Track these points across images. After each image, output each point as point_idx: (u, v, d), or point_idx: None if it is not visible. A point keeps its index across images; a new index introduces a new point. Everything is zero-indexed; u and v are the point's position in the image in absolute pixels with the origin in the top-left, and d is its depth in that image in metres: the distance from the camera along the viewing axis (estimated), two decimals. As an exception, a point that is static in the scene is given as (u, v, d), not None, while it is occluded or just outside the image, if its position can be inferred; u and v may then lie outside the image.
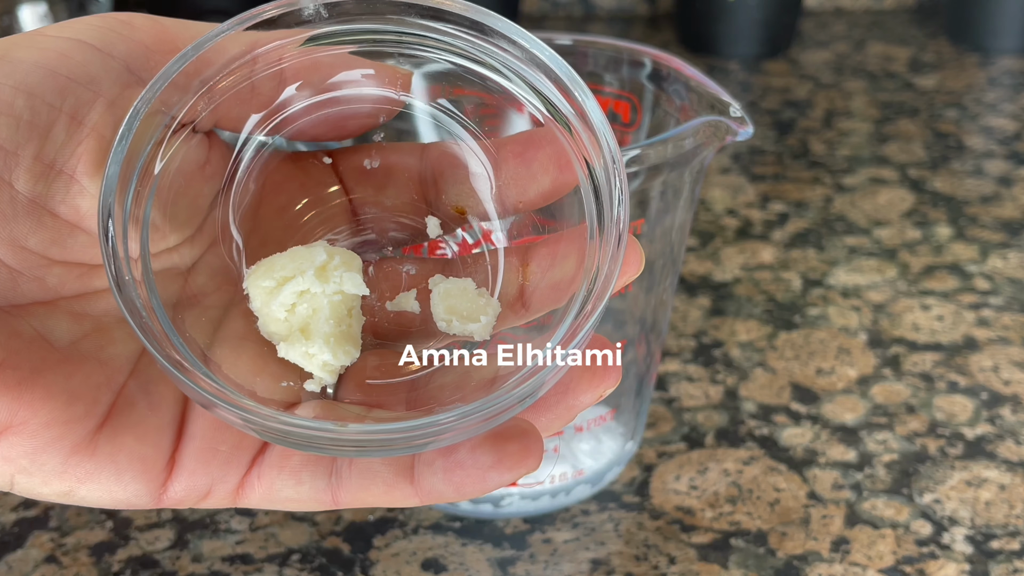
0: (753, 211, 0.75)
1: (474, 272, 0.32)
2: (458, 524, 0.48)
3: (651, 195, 0.43)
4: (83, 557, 0.46)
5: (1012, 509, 0.48)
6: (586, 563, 0.45)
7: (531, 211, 0.31)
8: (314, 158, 0.33)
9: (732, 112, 0.42)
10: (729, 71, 0.99)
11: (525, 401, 0.26)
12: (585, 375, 0.28)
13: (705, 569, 0.45)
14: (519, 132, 0.31)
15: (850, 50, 1.05)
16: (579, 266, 0.29)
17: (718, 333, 0.61)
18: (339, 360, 0.30)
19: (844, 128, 0.88)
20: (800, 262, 0.68)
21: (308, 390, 0.29)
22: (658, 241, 0.44)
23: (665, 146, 0.40)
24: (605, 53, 0.49)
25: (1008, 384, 0.56)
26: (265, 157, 0.32)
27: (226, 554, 0.46)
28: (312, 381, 0.29)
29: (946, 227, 0.72)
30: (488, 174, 0.32)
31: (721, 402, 0.55)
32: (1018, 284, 0.65)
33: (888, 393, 0.56)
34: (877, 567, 0.45)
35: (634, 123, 0.48)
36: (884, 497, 0.49)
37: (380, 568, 0.45)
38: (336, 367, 0.30)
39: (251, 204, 0.31)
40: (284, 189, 0.32)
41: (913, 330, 0.61)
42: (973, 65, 1.00)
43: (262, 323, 0.30)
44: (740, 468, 0.51)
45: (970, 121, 0.89)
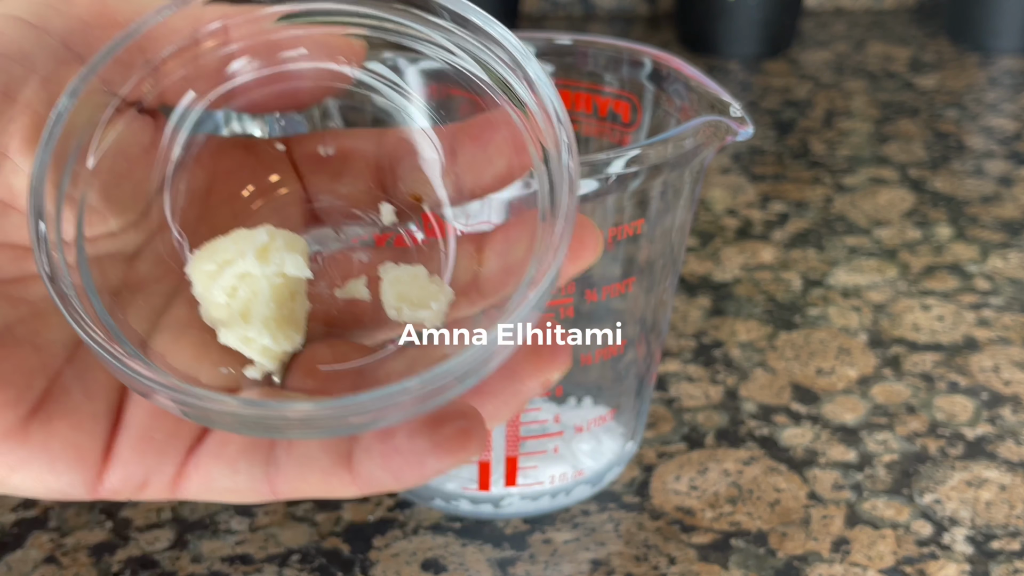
0: (753, 211, 0.75)
1: (428, 260, 0.31)
2: (458, 524, 0.48)
3: (651, 195, 0.43)
4: (82, 557, 0.46)
5: (1012, 509, 0.48)
6: (586, 563, 0.45)
7: (487, 195, 0.31)
8: (268, 145, 0.32)
9: (732, 112, 0.42)
10: (729, 71, 0.99)
11: (465, 380, 0.26)
12: (530, 359, 0.27)
13: (705, 569, 0.45)
14: (474, 116, 0.31)
15: (850, 50, 1.05)
16: (530, 250, 0.28)
17: (718, 333, 0.61)
18: (280, 345, 0.29)
19: (844, 128, 0.88)
20: (800, 262, 0.68)
21: (249, 377, 0.29)
22: (658, 241, 0.44)
23: (665, 146, 0.40)
24: (605, 53, 0.49)
25: (1008, 384, 0.56)
26: (216, 143, 0.31)
27: (226, 554, 0.46)
28: (252, 368, 0.29)
29: (946, 227, 0.72)
30: (443, 160, 0.31)
31: (721, 402, 0.55)
32: (1018, 284, 0.65)
33: (888, 393, 0.56)
34: (877, 567, 0.45)
35: (634, 123, 0.48)
36: (884, 497, 0.49)
37: (380, 568, 0.45)
38: (277, 352, 0.29)
39: (200, 190, 0.31)
40: (235, 176, 0.31)
41: (913, 330, 0.61)
42: (973, 65, 1.00)
43: (203, 309, 0.29)
44: (740, 468, 0.51)
45: (970, 121, 0.89)
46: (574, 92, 0.49)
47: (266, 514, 0.48)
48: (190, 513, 0.48)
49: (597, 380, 0.48)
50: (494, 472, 0.46)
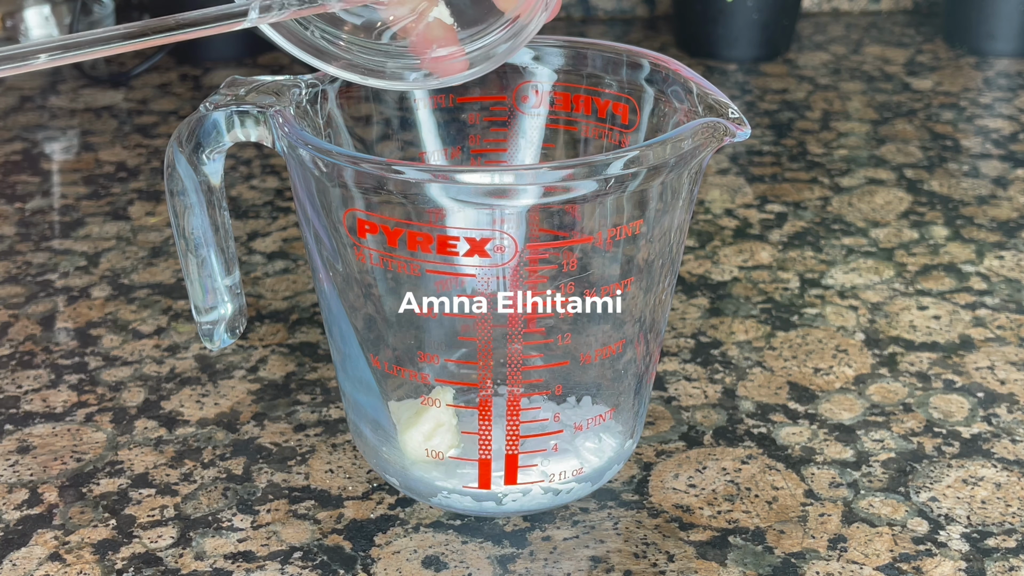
0: (751, 212, 0.75)
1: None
2: (458, 522, 0.48)
3: (650, 196, 0.43)
4: (86, 555, 0.47)
5: (1008, 507, 0.48)
6: (585, 561, 0.46)
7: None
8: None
9: (730, 113, 0.43)
10: (727, 73, 0.99)
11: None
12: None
13: (703, 567, 0.45)
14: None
15: (847, 52, 1.05)
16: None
17: (716, 333, 0.61)
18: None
19: (841, 129, 0.88)
20: (798, 262, 0.69)
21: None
22: (657, 241, 0.45)
23: (664, 147, 0.40)
24: (604, 55, 0.49)
25: (1004, 383, 0.57)
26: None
27: (228, 552, 0.47)
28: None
29: (942, 227, 0.73)
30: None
31: (719, 401, 0.56)
32: (1014, 284, 0.66)
33: (885, 392, 0.56)
34: (874, 564, 0.45)
35: (633, 125, 0.48)
36: (881, 495, 0.49)
37: (381, 566, 0.46)
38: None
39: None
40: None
41: (910, 330, 0.61)
42: (969, 67, 1.01)
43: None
44: (738, 467, 0.51)
45: (966, 122, 0.89)
46: (573, 94, 0.50)
47: (268, 512, 0.49)
48: (193, 511, 0.49)
49: (596, 379, 0.49)
50: (494, 470, 0.46)
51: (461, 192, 0.40)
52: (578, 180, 0.40)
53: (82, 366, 0.59)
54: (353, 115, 0.49)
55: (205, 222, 0.47)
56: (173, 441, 0.53)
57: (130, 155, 0.85)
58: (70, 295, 0.66)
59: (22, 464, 0.52)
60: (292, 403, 0.56)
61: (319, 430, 0.54)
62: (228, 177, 0.80)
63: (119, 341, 0.61)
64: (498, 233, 0.41)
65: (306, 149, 0.42)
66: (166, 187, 0.46)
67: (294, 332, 0.62)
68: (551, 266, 0.43)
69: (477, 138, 0.51)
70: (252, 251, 0.71)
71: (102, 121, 0.91)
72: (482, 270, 0.42)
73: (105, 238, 0.73)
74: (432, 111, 0.50)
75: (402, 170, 0.40)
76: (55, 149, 0.88)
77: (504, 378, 0.44)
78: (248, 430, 0.54)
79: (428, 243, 0.42)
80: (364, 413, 0.48)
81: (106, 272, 0.69)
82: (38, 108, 0.94)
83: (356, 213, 0.42)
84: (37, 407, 0.56)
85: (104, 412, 0.56)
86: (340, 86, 0.48)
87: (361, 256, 0.44)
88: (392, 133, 0.51)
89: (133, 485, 0.51)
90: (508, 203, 0.41)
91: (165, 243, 0.72)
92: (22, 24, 0.98)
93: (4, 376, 0.59)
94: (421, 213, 0.42)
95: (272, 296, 0.66)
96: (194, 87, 0.98)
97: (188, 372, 0.59)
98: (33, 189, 0.80)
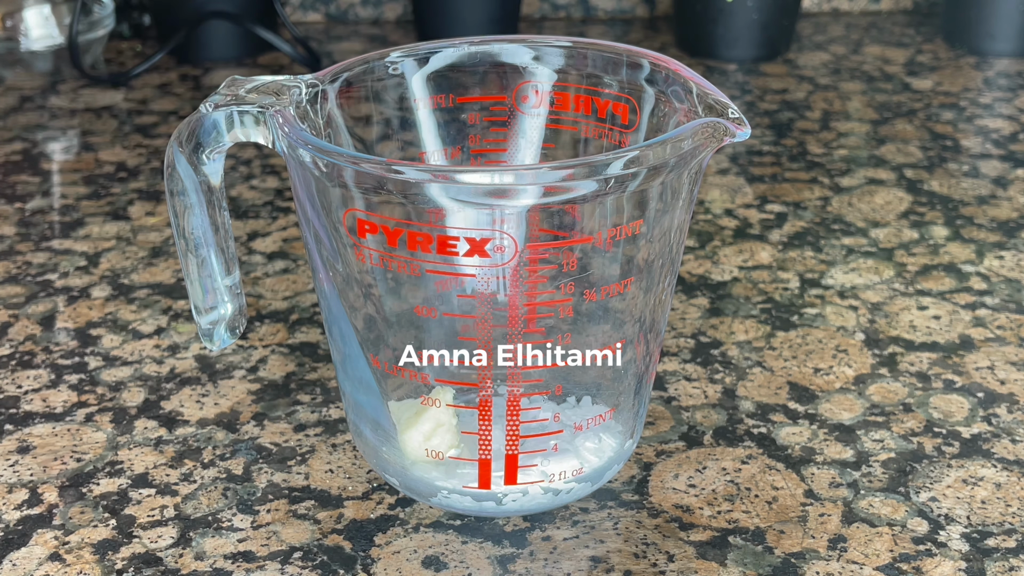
0: (751, 212, 0.75)
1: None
2: (458, 522, 0.48)
3: (650, 196, 0.43)
4: (86, 555, 0.47)
5: (1008, 507, 0.48)
6: (585, 561, 0.46)
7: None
8: None
9: (730, 113, 0.43)
10: (727, 73, 0.99)
11: None
12: None
13: (703, 567, 0.45)
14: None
15: (847, 52, 1.05)
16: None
17: (716, 333, 0.61)
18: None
19: (841, 129, 0.88)
20: (798, 262, 0.69)
21: None
22: (657, 241, 0.45)
23: (664, 147, 0.40)
24: (604, 55, 0.49)
25: (1004, 383, 0.57)
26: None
27: (228, 552, 0.47)
28: None
29: (942, 227, 0.73)
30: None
31: (719, 401, 0.56)
32: (1014, 284, 0.66)
33: (885, 392, 0.56)
34: (874, 564, 0.45)
35: (633, 125, 0.48)
36: (881, 495, 0.49)
37: (381, 566, 0.46)
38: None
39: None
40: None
41: (910, 330, 0.61)
42: (969, 67, 1.01)
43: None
44: (738, 467, 0.51)
45: (966, 123, 0.89)
46: (573, 94, 0.50)
47: (268, 512, 0.49)
48: (193, 511, 0.49)
49: (596, 379, 0.49)
50: (494, 470, 0.46)
51: (461, 192, 0.40)
52: (578, 180, 0.40)
53: (82, 366, 0.59)
54: (353, 115, 0.49)
55: (205, 222, 0.47)
56: (173, 441, 0.53)
57: (130, 155, 0.85)
58: (70, 295, 0.66)
59: (22, 464, 0.52)
60: (292, 403, 0.56)
61: (319, 430, 0.54)
62: (228, 177, 0.80)
63: (119, 341, 0.61)
64: (498, 233, 0.41)
65: (306, 149, 0.42)
66: (166, 187, 0.46)
67: (294, 332, 0.62)
68: (551, 266, 0.43)
69: (477, 138, 0.51)
70: (252, 251, 0.71)
71: (102, 121, 0.92)
72: (482, 270, 0.42)
73: (105, 238, 0.73)
74: (432, 111, 0.50)
75: (402, 170, 0.40)
76: (55, 149, 0.88)
77: (504, 378, 0.44)
78: (248, 430, 0.54)
79: (428, 243, 0.42)
80: (364, 413, 0.48)
81: (106, 272, 0.69)
82: (38, 108, 0.94)
83: (356, 213, 0.42)
84: (37, 407, 0.56)
85: (104, 412, 0.56)
86: (340, 86, 0.48)
87: (361, 256, 0.44)
88: (392, 133, 0.51)
89: (133, 485, 0.51)
90: (508, 203, 0.41)
91: (165, 243, 0.72)
92: (22, 24, 0.98)
93: (4, 376, 0.59)
94: (421, 213, 0.42)
95: (272, 296, 0.66)
96: (194, 87, 0.98)
97: (188, 372, 0.59)
98: (33, 189, 0.80)
